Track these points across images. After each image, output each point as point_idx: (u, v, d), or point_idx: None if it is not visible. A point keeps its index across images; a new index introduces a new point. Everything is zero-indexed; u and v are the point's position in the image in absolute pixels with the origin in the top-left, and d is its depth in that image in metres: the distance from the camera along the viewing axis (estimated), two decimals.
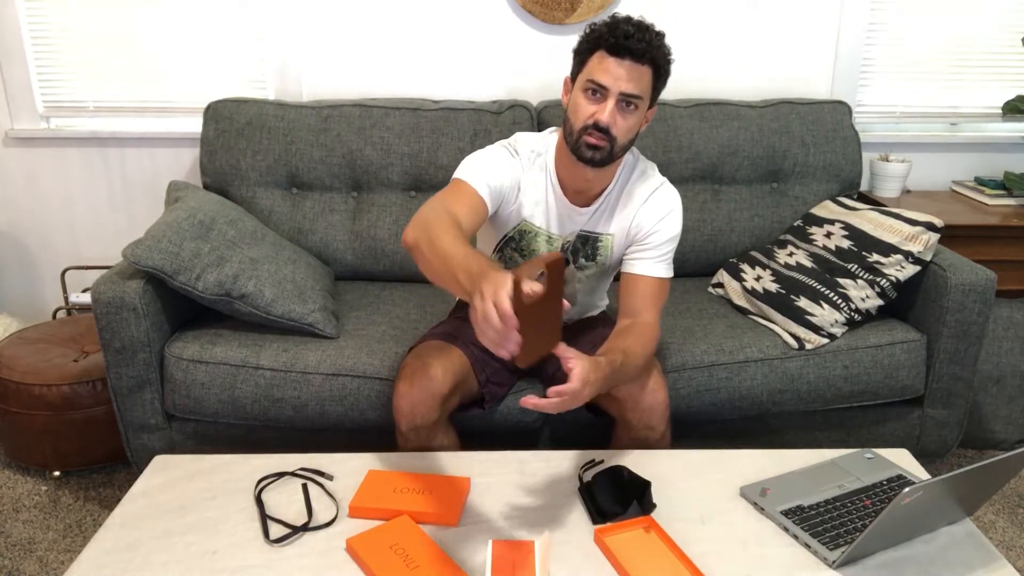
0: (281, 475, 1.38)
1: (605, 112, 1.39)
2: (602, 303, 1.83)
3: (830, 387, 1.86)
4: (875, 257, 1.91)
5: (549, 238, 1.58)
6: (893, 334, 1.91)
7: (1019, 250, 2.22)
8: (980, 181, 2.52)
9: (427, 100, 2.28)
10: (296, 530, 1.23)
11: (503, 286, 1.01)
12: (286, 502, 1.31)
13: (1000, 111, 2.53)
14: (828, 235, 2.06)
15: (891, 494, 1.32)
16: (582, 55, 1.43)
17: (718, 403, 1.83)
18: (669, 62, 1.42)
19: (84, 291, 2.52)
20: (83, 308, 2.53)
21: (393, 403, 1.50)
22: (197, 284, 1.73)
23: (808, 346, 1.86)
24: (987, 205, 2.37)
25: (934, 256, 1.92)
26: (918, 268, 1.89)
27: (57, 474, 2.08)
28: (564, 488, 1.35)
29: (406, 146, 2.17)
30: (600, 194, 1.55)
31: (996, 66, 2.54)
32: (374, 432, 1.78)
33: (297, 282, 1.87)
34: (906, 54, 2.51)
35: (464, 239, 1.28)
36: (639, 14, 1.41)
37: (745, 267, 2.10)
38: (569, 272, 1.63)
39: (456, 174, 1.49)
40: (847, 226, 2.04)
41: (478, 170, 1.49)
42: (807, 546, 1.21)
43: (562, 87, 1.51)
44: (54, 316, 2.52)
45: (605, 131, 1.40)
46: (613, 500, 1.27)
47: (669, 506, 1.31)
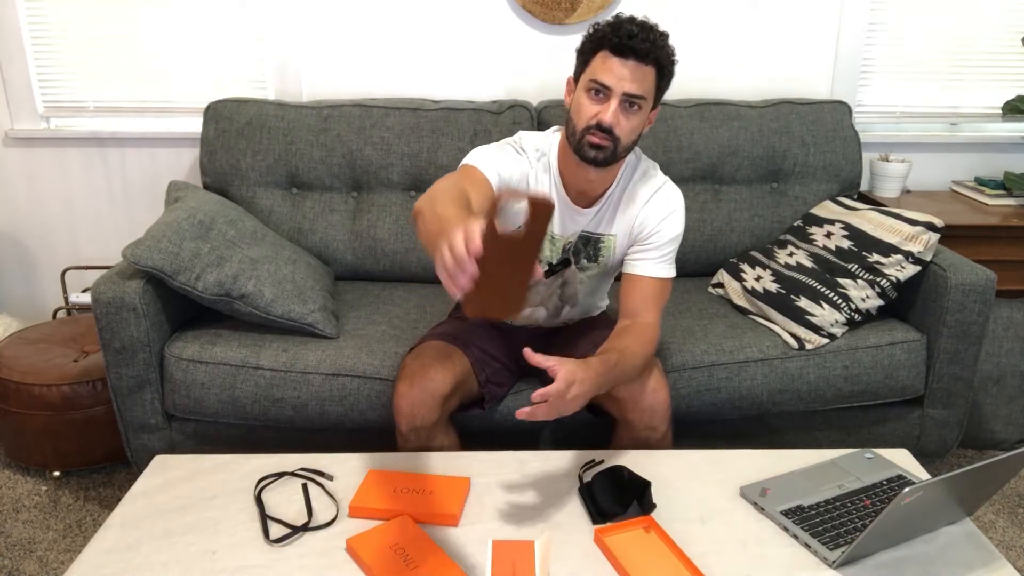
0: (281, 475, 1.38)
1: (608, 112, 1.38)
2: (603, 303, 1.83)
3: (830, 387, 1.86)
4: (875, 257, 1.91)
5: (552, 238, 1.58)
6: (893, 334, 1.91)
7: (1019, 250, 2.22)
8: (980, 181, 2.51)
9: (427, 100, 2.28)
10: (296, 530, 1.23)
11: (477, 220, 0.95)
12: (286, 502, 1.31)
13: (1000, 111, 2.53)
14: (828, 235, 2.06)
15: (891, 494, 1.32)
16: (585, 55, 1.42)
17: (718, 403, 1.83)
18: (673, 63, 1.42)
19: (84, 291, 2.52)
20: (83, 308, 2.53)
21: (393, 404, 1.50)
22: (197, 284, 1.73)
23: (808, 346, 1.86)
24: (987, 205, 2.37)
25: (934, 256, 1.92)
26: (918, 268, 1.89)
27: (57, 474, 2.08)
28: (564, 488, 1.35)
29: (406, 146, 2.17)
30: (602, 195, 1.55)
31: (996, 66, 2.54)
32: (374, 432, 1.78)
33: (297, 282, 1.87)
34: (906, 54, 2.51)
35: (468, 210, 1.23)
36: (639, 14, 1.40)
37: (745, 267, 2.10)
38: (570, 273, 1.63)
39: (466, 161, 1.46)
40: (847, 226, 2.04)
41: (489, 160, 1.47)
42: (807, 546, 1.21)
43: (565, 87, 1.50)
44: (54, 316, 2.52)
45: (608, 131, 1.39)
46: (613, 500, 1.27)
47: (669, 506, 1.31)
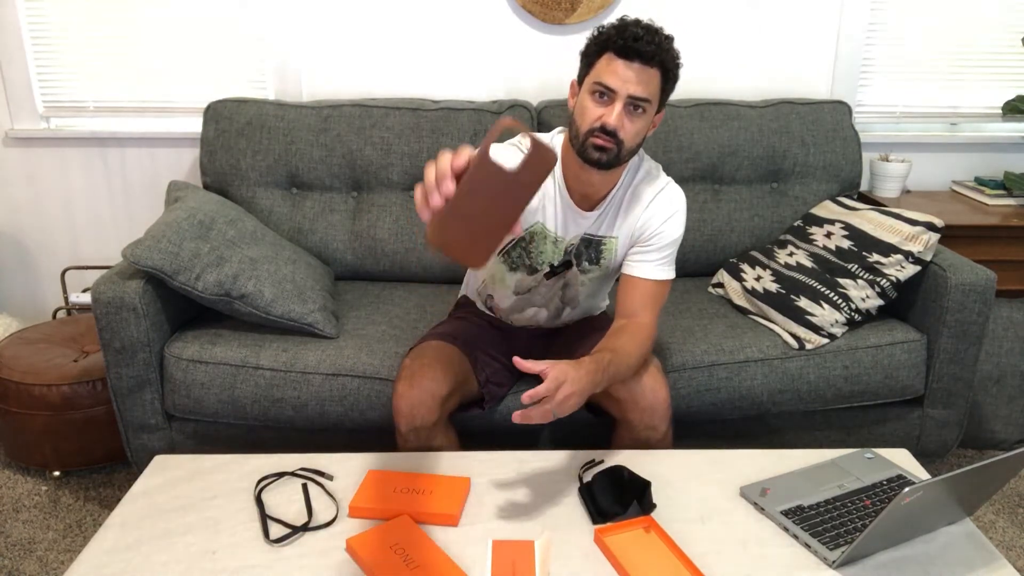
0: (281, 475, 1.37)
1: (613, 115, 1.37)
2: (603, 304, 1.83)
3: (830, 387, 1.86)
4: (875, 257, 1.91)
5: (556, 240, 1.57)
6: (893, 334, 1.91)
7: (1019, 250, 2.22)
8: (980, 181, 2.51)
9: (427, 100, 2.28)
10: (296, 530, 1.23)
11: (468, 149, 0.92)
12: (286, 502, 1.31)
13: (1000, 111, 2.53)
14: (828, 235, 2.06)
15: (891, 494, 1.32)
16: (590, 57, 1.41)
17: (718, 403, 1.83)
18: (678, 65, 1.41)
19: (84, 291, 2.52)
20: (83, 308, 2.53)
21: (393, 404, 1.50)
22: (197, 284, 1.73)
23: (808, 346, 1.86)
24: (987, 205, 2.37)
25: (934, 256, 1.92)
26: (918, 268, 1.89)
27: (57, 474, 2.08)
28: (564, 488, 1.35)
29: (406, 146, 2.17)
30: (605, 197, 1.54)
31: (996, 66, 2.54)
32: (374, 432, 1.78)
33: (297, 282, 1.87)
34: (906, 54, 2.51)
35: None
36: (639, 14, 1.40)
37: (745, 267, 2.10)
38: (572, 275, 1.62)
39: None
40: (847, 226, 2.04)
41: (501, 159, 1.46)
42: (807, 546, 1.21)
43: (568, 90, 1.49)
44: (54, 316, 2.52)
45: (612, 134, 1.38)
46: (613, 500, 1.27)
47: (669, 506, 1.30)
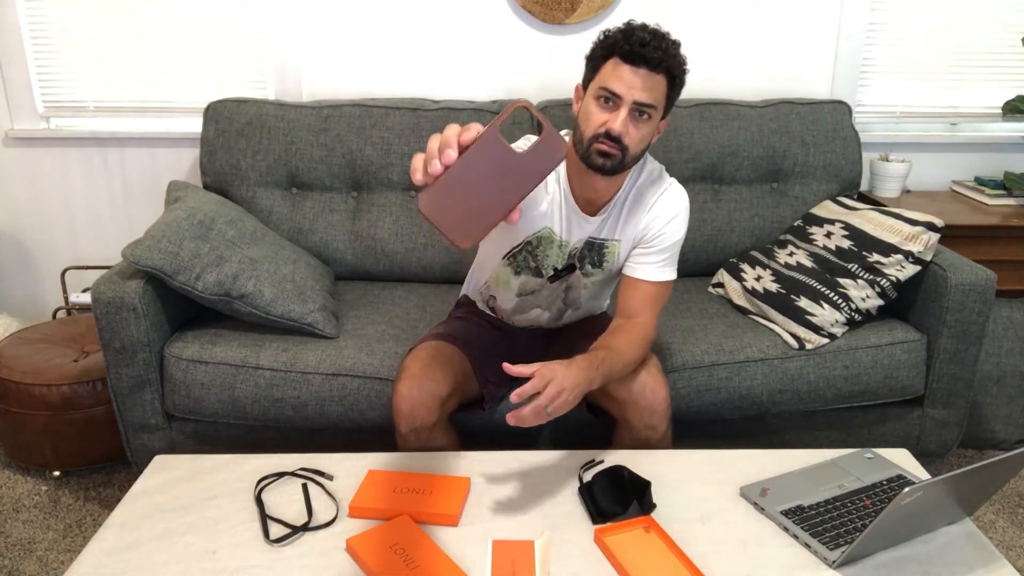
0: (281, 475, 1.37)
1: (618, 121, 1.35)
2: (604, 303, 1.83)
3: (830, 387, 1.86)
4: (875, 257, 1.91)
5: (561, 244, 1.56)
6: (893, 334, 1.91)
7: (1019, 250, 2.22)
8: (980, 181, 2.51)
9: (427, 100, 2.28)
10: (296, 530, 1.23)
11: (477, 126, 0.88)
12: (286, 502, 1.31)
13: (1000, 111, 2.53)
14: (828, 235, 2.06)
15: (891, 494, 1.32)
16: (595, 62, 1.39)
17: (718, 403, 1.83)
18: (685, 72, 1.39)
19: (84, 291, 2.52)
20: (83, 308, 2.53)
21: (393, 405, 1.49)
22: (197, 284, 1.73)
23: (808, 346, 1.86)
24: (987, 205, 2.37)
25: (934, 256, 1.92)
26: (918, 268, 1.89)
27: (57, 474, 2.08)
28: (564, 488, 1.35)
29: (406, 146, 2.17)
30: (608, 202, 1.53)
31: (996, 66, 2.54)
32: (374, 432, 1.78)
33: (297, 282, 1.87)
34: (906, 54, 2.51)
35: None
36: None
37: (745, 267, 2.10)
38: (575, 278, 1.62)
39: None
40: (847, 226, 2.04)
41: None
42: (807, 546, 1.21)
43: (573, 93, 1.48)
44: (54, 316, 2.51)
45: (617, 140, 1.36)
46: (613, 500, 1.27)
47: (669, 506, 1.30)
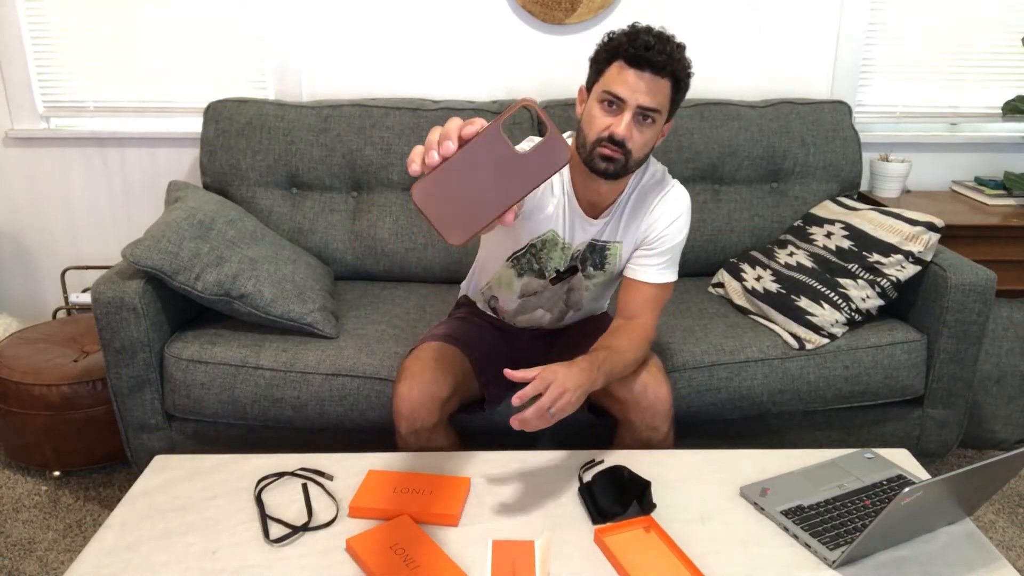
0: (281, 475, 1.37)
1: (621, 125, 1.34)
2: (605, 304, 1.82)
3: (830, 387, 1.86)
4: (875, 257, 1.91)
5: (564, 247, 1.55)
6: (893, 334, 1.91)
7: (1019, 250, 2.22)
8: (980, 181, 2.51)
9: (427, 100, 2.28)
10: (296, 530, 1.23)
11: (480, 121, 0.85)
12: (286, 502, 1.31)
13: (1000, 111, 2.53)
14: (828, 235, 2.06)
15: (891, 494, 1.32)
16: (599, 64, 1.38)
17: (718, 403, 1.83)
18: (689, 75, 1.38)
19: (84, 291, 2.52)
20: (83, 308, 2.53)
21: (393, 406, 1.49)
22: (196, 284, 1.73)
23: (808, 346, 1.86)
24: (987, 205, 2.37)
25: (934, 256, 1.92)
26: (918, 268, 1.89)
27: (57, 474, 2.08)
28: (564, 488, 1.35)
29: (406, 146, 2.17)
30: (611, 205, 1.52)
31: (996, 66, 2.54)
32: (374, 432, 1.78)
33: (297, 282, 1.87)
34: (906, 54, 2.51)
35: None
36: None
37: (745, 267, 2.10)
38: (576, 280, 1.62)
39: None
40: (847, 226, 2.04)
41: None
42: (807, 546, 1.21)
43: (577, 95, 1.47)
44: (54, 316, 2.51)
45: (620, 144, 1.35)
46: (613, 500, 1.27)
47: (669, 506, 1.30)
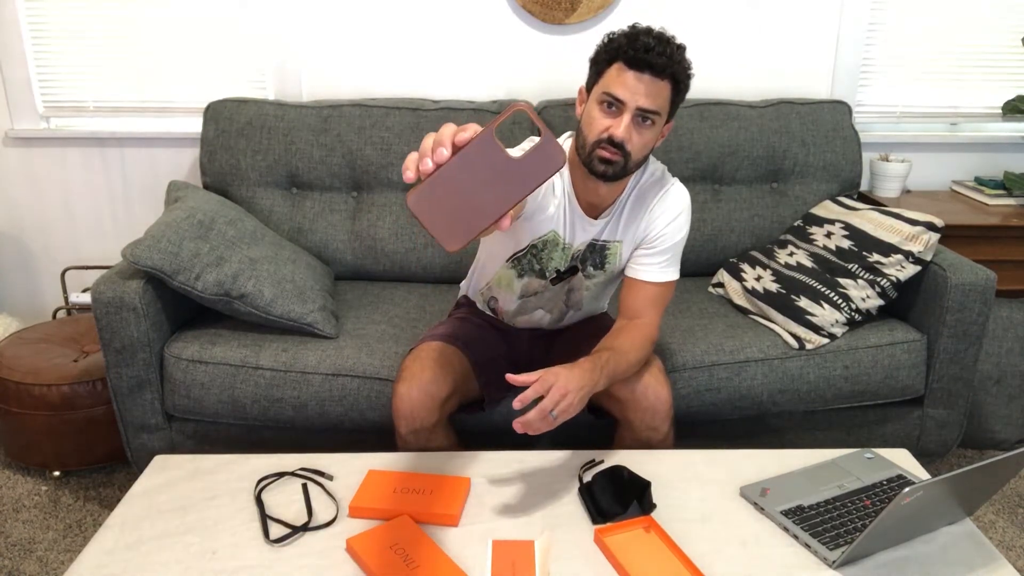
0: (281, 475, 1.37)
1: (621, 127, 1.34)
2: (605, 304, 1.82)
3: (830, 387, 1.86)
4: (875, 257, 1.91)
5: (564, 248, 1.55)
6: (893, 334, 1.91)
7: (1019, 250, 2.22)
8: (980, 181, 2.51)
9: (427, 100, 2.28)
10: (296, 530, 1.23)
11: (475, 127, 0.84)
12: (286, 502, 1.31)
13: (1000, 111, 2.53)
14: (828, 235, 2.06)
15: (891, 494, 1.32)
16: (599, 65, 1.38)
17: (718, 403, 1.83)
18: (689, 76, 1.38)
19: (84, 291, 2.52)
20: (83, 308, 2.52)
21: (392, 406, 1.49)
22: (196, 284, 1.73)
23: (808, 346, 1.86)
24: (987, 205, 2.37)
25: (934, 256, 1.92)
26: (918, 268, 1.89)
27: (57, 474, 2.08)
28: (564, 488, 1.35)
29: (406, 146, 2.17)
30: (611, 205, 1.52)
31: (996, 66, 2.54)
32: (374, 432, 1.78)
33: (297, 282, 1.87)
34: (906, 54, 2.51)
35: None
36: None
37: (745, 267, 2.10)
38: (577, 280, 1.62)
39: None
40: (847, 226, 2.04)
41: None
42: (807, 546, 1.21)
43: (577, 96, 1.46)
44: (54, 316, 2.51)
45: (619, 146, 1.35)
46: (613, 500, 1.27)
47: (669, 506, 1.30)
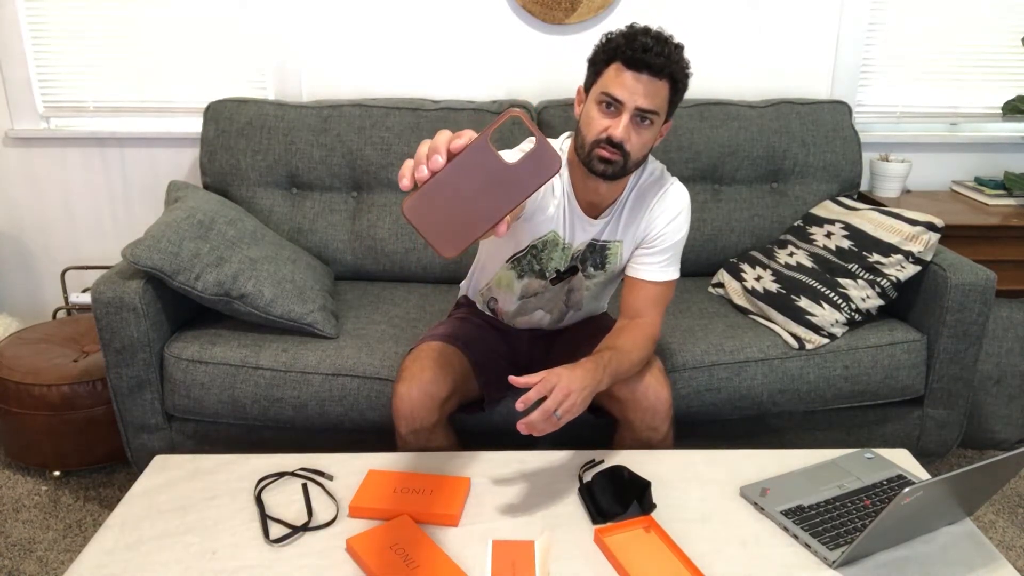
0: (281, 475, 1.37)
1: (619, 127, 1.34)
2: (604, 304, 1.82)
3: (830, 387, 1.86)
4: (875, 257, 1.91)
5: (564, 248, 1.55)
6: (893, 334, 1.91)
7: (1019, 250, 2.22)
8: (980, 181, 2.51)
9: (427, 100, 2.28)
10: (296, 530, 1.23)
11: (470, 133, 0.86)
12: (286, 502, 1.31)
13: (1000, 111, 2.53)
14: (828, 235, 2.06)
15: (891, 494, 1.32)
16: (597, 66, 1.38)
17: (718, 403, 1.83)
18: (687, 76, 1.38)
19: (84, 291, 2.52)
20: (83, 308, 2.52)
21: (392, 406, 1.49)
22: (196, 284, 1.73)
23: (808, 346, 1.86)
24: (987, 205, 2.37)
25: (934, 256, 1.92)
26: (918, 268, 1.89)
27: (57, 474, 2.08)
28: (564, 488, 1.35)
29: (406, 146, 2.17)
30: (611, 205, 1.52)
31: (996, 66, 2.54)
32: (374, 432, 1.78)
33: (297, 282, 1.87)
34: (906, 54, 2.51)
35: None
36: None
37: (745, 267, 2.10)
38: (577, 280, 1.62)
39: None
40: (847, 226, 2.04)
41: None
42: (807, 546, 1.21)
43: (575, 96, 1.47)
44: (54, 316, 2.51)
45: (618, 146, 1.36)
46: (613, 500, 1.27)
47: (669, 506, 1.30)
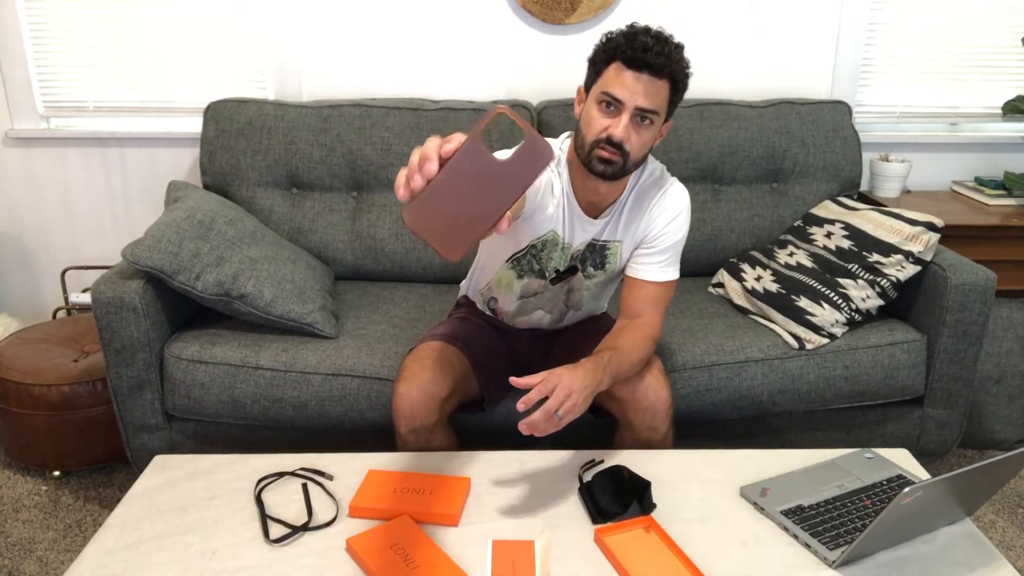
0: (281, 475, 1.37)
1: (619, 127, 1.34)
2: (604, 304, 1.82)
3: (830, 387, 1.86)
4: (875, 257, 1.91)
5: (564, 247, 1.55)
6: (893, 334, 1.91)
7: (1019, 250, 2.22)
8: (980, 181, 2.51)
9: (427, 100, 2.28)
10: (296, 530, 1.23)
11: (459, 136, 0.85)
12: (286, 502, 1.31)
13: (1000, 111, 2.53)
14: (828, 235, 2.06)
15: (891, 494, 1.32)
16: (597, 65, 1.38)
17: (718, 403, 1.83)
18: (687, 76, 1.38)
19: (84, 291, 2.52)
20: (83, 308, 2.52)
21: (392, 406, 1.49)
22: (196, 284, 1.73)
23: (808, 346, 1.86)
24: (987, 205, 2.37)
25: (934, 256, 1.92)
26: (918, 268, 1.89)
27: (57, 474, 2.08)
28: (564, 488, 1.35)
29: (406, 146, 2.17)
30: (610, 205, 1.52)
31: (996, 66, 2.54)
32: (374, 432, 1.78)
33: (297, 282, 1.87)
34: (906, 54, 2.51)
35: None
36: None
37: (745, 267, 2.10)
38: (576, 280, 1.62)
39: None
40: (847, 226, 2.04)
41: None
42: (807, 546, 1.21)
43: (575, 95, 1.47)
44: (54, 316, 2.51)
45: (618, 146, 1.36)
46: (613, 500, 1.27)
47: (669, 506, 1.30)
